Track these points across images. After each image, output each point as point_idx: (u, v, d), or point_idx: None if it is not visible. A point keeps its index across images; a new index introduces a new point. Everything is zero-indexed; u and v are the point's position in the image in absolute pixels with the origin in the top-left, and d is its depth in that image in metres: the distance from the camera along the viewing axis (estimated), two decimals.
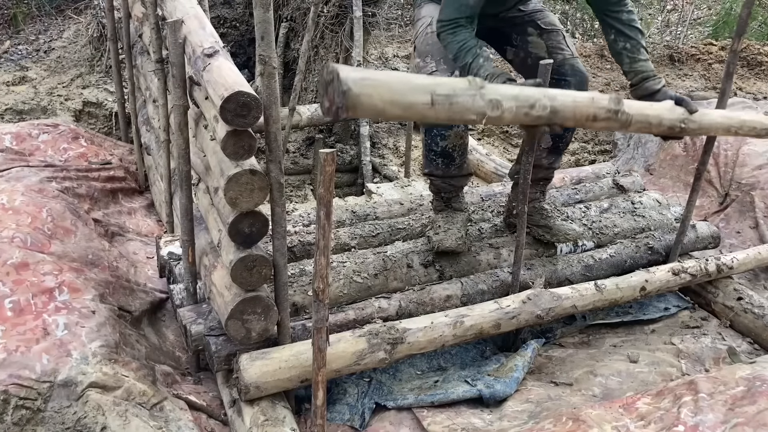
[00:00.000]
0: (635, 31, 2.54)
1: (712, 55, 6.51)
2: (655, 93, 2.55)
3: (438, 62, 2.55)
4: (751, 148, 3.90)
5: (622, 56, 2.58)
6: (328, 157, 1.61)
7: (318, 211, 1.68)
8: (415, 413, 2.38)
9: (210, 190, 2.21)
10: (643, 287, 2.85)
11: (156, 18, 2.82)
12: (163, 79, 2.89)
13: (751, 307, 2.95)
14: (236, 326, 2.08)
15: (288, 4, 5.03)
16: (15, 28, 5.73)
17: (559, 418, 2.04)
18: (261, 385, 2.12)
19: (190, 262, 2.38)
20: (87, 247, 2.78)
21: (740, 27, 2.67)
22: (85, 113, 4.95)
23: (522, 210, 2.53)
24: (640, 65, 2.56)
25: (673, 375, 2.61)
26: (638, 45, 2.54)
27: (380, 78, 1.66)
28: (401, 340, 2.30)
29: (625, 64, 2.59)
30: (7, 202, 2.75)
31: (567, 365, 2.70)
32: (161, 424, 2.11)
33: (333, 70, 1.57)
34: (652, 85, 2.55)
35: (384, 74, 1.70)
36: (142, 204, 3.77)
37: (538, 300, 2.59)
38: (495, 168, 4.58)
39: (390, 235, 2.90)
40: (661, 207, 3.40)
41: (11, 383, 1.97)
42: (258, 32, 1.81)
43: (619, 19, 2.53)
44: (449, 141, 2.57)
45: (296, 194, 4.94)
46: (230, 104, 1.72)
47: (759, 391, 1.94)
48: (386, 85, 1.66)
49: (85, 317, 2.28)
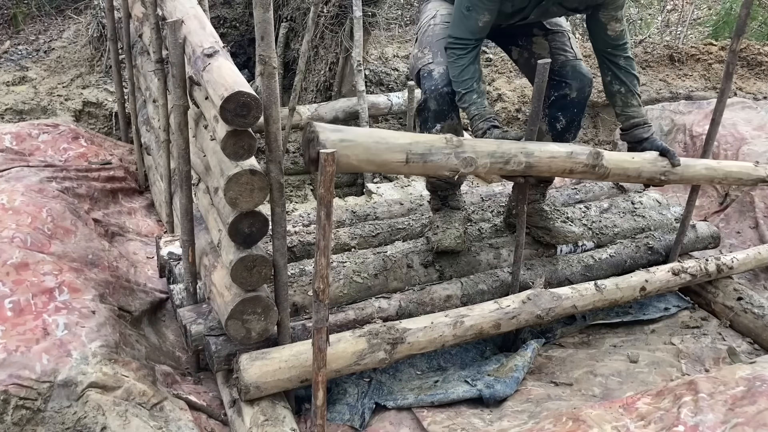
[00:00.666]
0: (631, 77, 2.63)
1: (712, 55, 6.51)
2: (643, 141, 2.67)
3: (435, 54, 2.59)
4: (751, 148, 3.90)
5: (615, 99, 2.67)
6: (328, 157, 1.61)
7: (318, 211, 1.69)
8: (415, 413, 2.38)
9: (210, 190, 2.21)
10: (643, 287, 2.86)
11: (156, 18, 2.82)
12: (163, 79, 2.89)
13: (751, 307, 2.95)
14: (236, 326, 2.08)
15: (288, 4, 5.03)
16: (15, 28, 5.73)
17: (559, 418, 2.04)
18: (261, 385, 2.12)
19: (190, 262, 2.38)
20: (87, 247, 2.78)
21: (739, 27, 2.68)
22: (85, 113, 4.95)
23: (522, 210, 2.54)
24: (631, 110, 2.66)
25: (673, 375, 2.61)
26: (632, 91, 2.64)
27: (357, 140, 1.77)
28: (401, 340, 2.30)
29: (618, 106, 2.69)
30: (7, 202, 2.75)
31: (567, 365, 2.70)
32: (161, 424, 2.12)
33: (314, 131, 1.66)
34: (641, 133, 2.67)
35: (362, 135, 1.80)
36: (142, 204, 3.77)
37: (538, 300, 2.59)
38: None
39: (390, 235, 2.90)
40: (661, 207, 3.40)
41: (11, 383, 1.97)
42: (258, 32, 1.81)
43: (617, 63, 2.61)
44: (444, 132, 2.57)
45: (296, 194, 4.94)
46: (230, 104, 1.72)
47: (759, 391, 1.94)
48: (363, 146, 1.78)
49: (85, 317, 2.28)
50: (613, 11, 2.51)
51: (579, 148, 2.35)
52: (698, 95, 5.77)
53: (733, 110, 4.27)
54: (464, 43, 2.45)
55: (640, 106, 2.66)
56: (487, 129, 2.42)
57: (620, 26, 2.55)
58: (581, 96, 2.57)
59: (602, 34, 2.56)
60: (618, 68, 2.61)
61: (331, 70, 5.14)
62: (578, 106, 2.58)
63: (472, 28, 2.43)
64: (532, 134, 2.37)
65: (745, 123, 4.14)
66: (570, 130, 2.64)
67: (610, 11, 2.51)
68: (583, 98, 2.58)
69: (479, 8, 2.40)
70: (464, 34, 2.44)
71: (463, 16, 2.43)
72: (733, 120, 4.13)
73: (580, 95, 2.57)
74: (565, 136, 2.65)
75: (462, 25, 2.44)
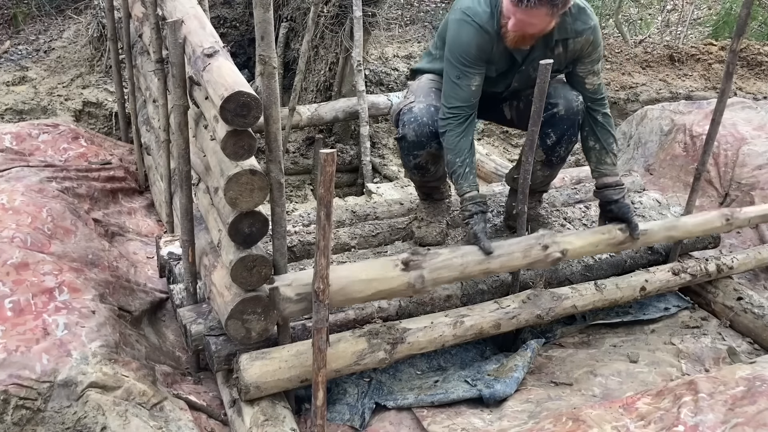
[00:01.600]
0: (607, 135, 2.63)
1: (712, 55, 6.51)
2: (612, 203, 2.67)
3: (417, 96, 2.64)
4: (751, 148, 3.90)
5: (590, 155, 2.69)
6: (328, 157, 1.61)
7: (318, 212, 1.68)
8: (415, 413, 2.38)
9: (210, 190, 2.21)
10: (643, 287, 2.86)
11: (156, 18, 2.82)
12: (163, 79, 2.88)
13: (751, 307, 2.95)
14: (236, 326, 2.08)
15: (288, 4, 5.03)
16: (15, 28, 5.73)
17: (559, 418, 2.04)
18: (261, 385, 2.12)
19: (190, 262, 2.38)
20: (87, 247, 2.78)
21: (739, 27, 2.68)
22: (85, 113, 4.95)
23: (522, 210, 2.54)
24: (604, 168, 2.67)
25: (673, 375, 2.61)
26: (606, 149, 2.64)
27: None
28: (401, 340, 2.30)
29: (592, 162, 2.70)
30: (7, 202, 2.75)
31: (567, 365, 2.70)
32: (161, 424, 2.12)
33: None
34: (611, 194, 2.66)
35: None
36: (142, 204, 3.77)
37: (538, 300, 2.59)
38: (495, 168, 4.58)
39: (390, 235, 2.90)
40: (661, 207, 3.40)
41: (11, 383, 1.97)
42: (258, 32, 1.81)
43: (595, 118, 2.63)
44: (422, 158, 2.65)
45: (296, 194, 4.94)
46: (230, 104, 1.72)
47: (759, 391, 1.94)
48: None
49: (85, 317, 2.28)
50: (590, 65, 2.54)
51: (535, 251, 2.45)
52: (698, 95, 5.78)
53: (733, 110, 4.27)
54: (459, 112, 2.46)
55: (614, 165, 2.67)
56: (475, 213, 2.46)
57: (597, 80, 2.58)
58: (570, 112, 2.56)
59: (580, 88, 2.59)
60: (595, 124, 2.63)
61: (331, 70, 5.14)
62: (568, 122, 2.57)
63: (464, 96, 2.45)
64: (533, 134, 2.37)
65: (745, 123, 4.14)
66: (561, 144, 2.63)
67: (587, 65, 2.54)
68: (572, 114, 2.56)
69: (469, 74, 2.43)
70: (458, 103, 2.46)
71: (455, 85, 2.45)
72: (733, 120, 4.13)
73: (569, 112, 2.55)
74: (557, 149, 2.65)
75: (455, 94, 2.46)
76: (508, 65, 2.54)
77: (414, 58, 6.23)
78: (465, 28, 2.39)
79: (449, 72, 2.46)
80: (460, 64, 2.42)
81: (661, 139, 4.38)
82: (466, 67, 2.42)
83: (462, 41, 2.40)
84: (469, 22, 2.38)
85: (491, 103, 2.74)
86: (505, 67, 2.54)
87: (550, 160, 2.67)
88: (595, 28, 2.48)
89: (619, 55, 6.55)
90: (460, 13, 2.42)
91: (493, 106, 2.78)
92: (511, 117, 2.81)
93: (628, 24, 8.32)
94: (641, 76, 6.25)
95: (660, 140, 4.38)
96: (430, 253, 2.28)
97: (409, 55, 6.32)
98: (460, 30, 2.41)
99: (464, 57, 2.41)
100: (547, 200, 3.25)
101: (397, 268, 2.19)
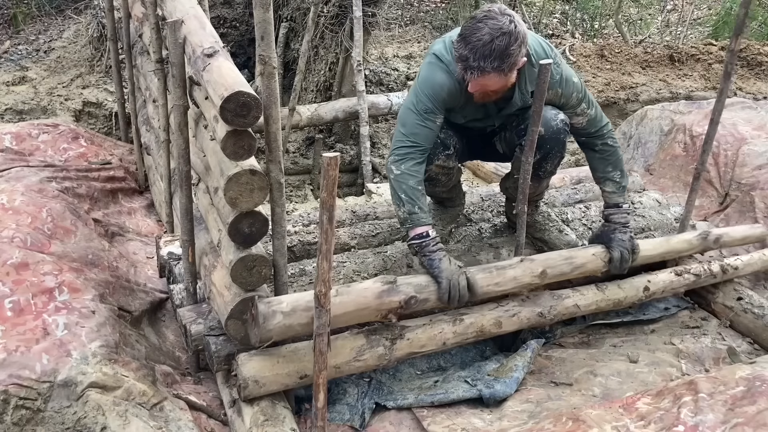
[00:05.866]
0: (605, 164, 2.67)
1: (712, 55, 6.51)
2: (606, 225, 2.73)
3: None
4: (751, 148, 3.90)
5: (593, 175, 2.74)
6: (332, 161, 1.59)
7: (321, 216, 1.67)
8: (415, 413, 2.38)
9: (210, 190, 2.21)
10: (646, 287, 2.85)
11: (156, 18, 2.82)
12: (163, 79, 2.89)
13: (751, 307, 2.95)
14: (236, 326, 2.08)
15: (288, 4, 5.03)
16: (15, 28, 5.73)
17: (559, 418, 2.04)
18: (260, 380, 2.11)
19: (190, 262, 2.38)
20: (87, 247, 2.78)
21: (738, 27, 2.67)
22: (85, 113, 4.95)
23: (522, 210, 2.54)
24: (604, 194, 2.72)
25: (673, 375, 2.61)
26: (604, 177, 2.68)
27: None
28: (400, 336, 2.31)
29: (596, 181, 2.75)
30: (7, 202, 2.75)
31: (567, 365, 2.70)
32: (161, 424, 2.11)
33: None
34: (608, 215, 2.73)
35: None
36: (142, 204, 3.77)
37: (537, 299, 2.59)
38: (495, 168, 4.58)
39: (390, 235, 2.90)
40: (661, 207, 3.40)
41: (11, 383, 1.97)
42: (258, 32, 1.81)
43: (592, 149, 2.68)
44: (431, 171, 2.58)
45: (296, 194, 4.94)
46: (230, 104, 1.72)
47: (759, 391, 1.94)
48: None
49: (85, 317, 2.28)
50: (570, 110, 2.54)
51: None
52: (698, 95, 5.78)
53: (733, 110, 4.27)
54: (404, 153, 2.38)
55: (615, 193, 2.68)
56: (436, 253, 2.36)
57: (584, 118, 2.56)
58: (550, 132, 2.50)
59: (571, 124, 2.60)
60: (592, 155, 2.67)
61: (331, 70, 5.14)
62: (551, 141, 2.52)
63: (427, 135, 2.39)
64: (533, 134, 2.37)
65: (745, 123, 4.14)
66: (547, 161, 2.59)
67: (568, 111, 2.54)
68: (553, 134, 2.51)
69: (437, 111, 2.39)
70: (408, 141, 2.39)
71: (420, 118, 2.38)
72: (733, 120, 4.13)
73: (549, 132, 2.50)
74: (543, 165, 2.60)
75: (405, 129, 2.40)
76: (483, 114, 2.54)
77: (414, 58, 6.23)
78: (439, 72, 2.37)
79: (416, 104, 2.39)
80: (428, 101, 2.37)
81: (661, 139, 4.38)
82: (434, 104, 2.38)
83: (436, 82, 2.37)
84: (443, 69, 2.37)
85: (484, 140, 2.73)
86: (481, 115, 2.54)
87: (538, 174, 2.63)
88: (562, 80, 2.44)
89: (619, 55, 6.55)
90: (434, 57, 2.40)
91: (484, 143, 2.75)
92: (504, 151, 2.75)
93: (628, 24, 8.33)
94: (641, 76, 6.25)
95: (660, 140, 4.38)
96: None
97: (409, 55, 6.32)
98: (434, 72, 2.38)
99: (434, 97, 2.37)
100: (547, 200, 3.25)
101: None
